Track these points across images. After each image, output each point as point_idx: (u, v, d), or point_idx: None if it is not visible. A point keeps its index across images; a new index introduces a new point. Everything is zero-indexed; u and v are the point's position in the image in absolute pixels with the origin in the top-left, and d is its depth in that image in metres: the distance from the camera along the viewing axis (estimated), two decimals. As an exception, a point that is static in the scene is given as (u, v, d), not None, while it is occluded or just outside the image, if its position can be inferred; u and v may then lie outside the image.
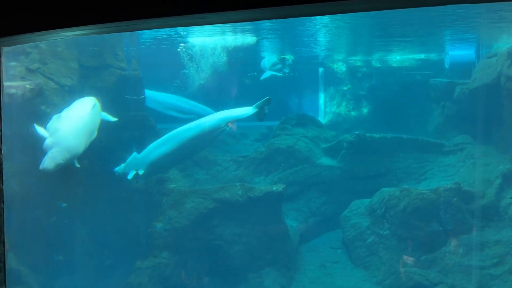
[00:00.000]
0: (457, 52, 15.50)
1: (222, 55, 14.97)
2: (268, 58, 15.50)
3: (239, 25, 10.31)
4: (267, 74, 15.09)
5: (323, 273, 9.85)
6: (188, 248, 9.45)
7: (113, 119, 8.38)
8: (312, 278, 9.67)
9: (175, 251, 9.39)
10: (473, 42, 13.96)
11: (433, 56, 16.69)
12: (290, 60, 14.89)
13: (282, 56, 14.80)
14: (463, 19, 9.79)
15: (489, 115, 11.12)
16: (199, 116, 11.66)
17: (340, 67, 17.78)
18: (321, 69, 18.69)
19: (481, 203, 9.28)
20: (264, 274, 9.32)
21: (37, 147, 7.76)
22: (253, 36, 12.67)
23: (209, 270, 9.53)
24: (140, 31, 11.06)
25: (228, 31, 11.86)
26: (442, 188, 9.32)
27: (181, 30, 11.40)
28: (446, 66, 15.47)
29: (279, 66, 14.92)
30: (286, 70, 14.89)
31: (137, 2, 1.74)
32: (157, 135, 10.74)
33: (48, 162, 7.24)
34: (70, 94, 8.87)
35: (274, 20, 9.93)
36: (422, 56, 16.83)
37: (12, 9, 1.94)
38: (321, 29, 11.46)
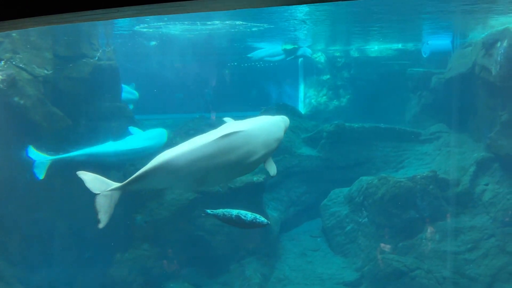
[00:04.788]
0: (434, 42, 15.73)
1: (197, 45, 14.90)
2: (268, 48, 15.61)
3: (215, 14, 10.20)
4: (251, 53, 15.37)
5: (304, 261, 9.97)
6: (169, 239, 9.41)
7: None
8: (293, 266, 9.78)
9: (156, 242, 9.33)
10: (449, 32, 14.18)
11: (410, 46, 16.91)
12: (307, 50, 15.07)
13: (287, 46, 14.92)
14: (439, 7, 9.90)
15: (464, 104, 11.36)
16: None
17: (319, 57, 17.84)
18: (300, 59, 18.74)
19: (456, 190, 9.51)
20: (245, 264, 9.38)
21: (12, 141, 7.54)
22: (233, 25, 12.55)
23: (191, 261, 9.53)
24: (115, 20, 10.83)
25: (204, 21, 11.71)
26: (419, 176, 9.51)
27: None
28: (425, 55, 15.68)
29: (282, 56, 15.09)
30: (292, 56, 15.07)
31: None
32: (135, 126, 10.59)
33: None
34: (44, 85, 8.64)
35: (252, 11, 9.86)
36: (400, 46, 17.04)
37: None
38: (301, 18, 11.44)
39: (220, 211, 7.06)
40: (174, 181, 4.20)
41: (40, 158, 8.35)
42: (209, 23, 11.98)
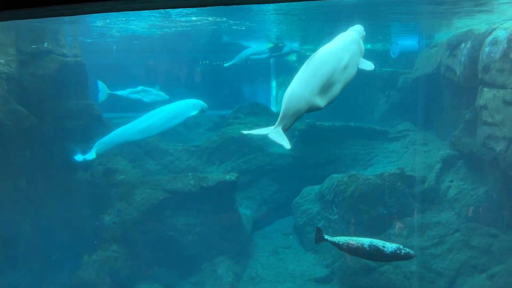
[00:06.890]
0: (402, 42, 16.11)
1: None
2: (254, 47, 15.59)
3: (186, 10, 10.09)
4: (230, 62, 15.40)
5: (276, 259, 10.04)
6: (139, 240, 9.27)
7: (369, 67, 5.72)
8: (265, 264, 9.83)
9: (125, 243, 9.17)
10: (416, 33, 14.57)
11: (378, 46, 17.27)
12: (294, 45, 15.17)
13: (272, 44, 14.96)
14: (406, 7, 10.13)
15: (430, 103, 11.71)
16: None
17: (291, 56, 17.97)
18: (272, 59, 18.83)
19: (422, 187, 9.80)
20: (217, 263, 9.35)
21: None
22: (208, 22, 12.44)
23: (162, 261, 9.42)
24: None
25: (175, 18, 11.57)
26: (387, 174, 9.74)
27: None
28: (394, 56, 16.02)
29: (267, 54, 15.16)
30: (273, 53, 15.28)
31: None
32: (103, 124, 10.37)
33: None
34: (8, 82, 8.33)
35: (225, 9, 9.82)
36: (369, 46, 17.36)
37: None
38: (272, 17, 11.47)
39: (342, 239, 5.38)
40: (306, 102, 4.86)
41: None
42: (184, 19, 11.84)
